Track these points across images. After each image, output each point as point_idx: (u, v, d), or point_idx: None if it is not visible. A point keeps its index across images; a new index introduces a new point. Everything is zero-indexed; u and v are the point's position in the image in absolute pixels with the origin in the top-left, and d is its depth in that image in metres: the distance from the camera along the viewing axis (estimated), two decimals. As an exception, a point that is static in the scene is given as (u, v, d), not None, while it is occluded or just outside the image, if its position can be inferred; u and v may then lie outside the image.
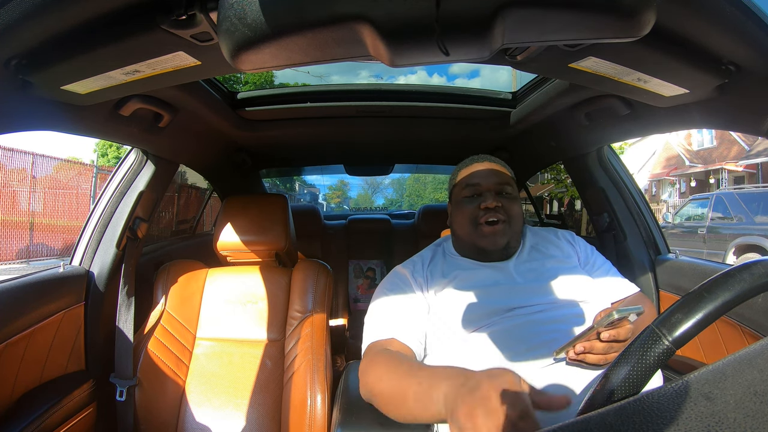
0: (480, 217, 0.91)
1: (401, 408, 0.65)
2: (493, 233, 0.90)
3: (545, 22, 0.50)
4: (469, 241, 0.94)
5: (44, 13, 0.56)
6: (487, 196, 0.93)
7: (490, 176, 0.96)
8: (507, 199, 0.93)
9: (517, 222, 0.93)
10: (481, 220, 0.91)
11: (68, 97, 0.76)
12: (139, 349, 1.14)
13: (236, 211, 1.30)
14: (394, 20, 0.47)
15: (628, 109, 1.06)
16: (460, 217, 0.96)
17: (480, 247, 0.92)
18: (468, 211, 0.94)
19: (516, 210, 0.94)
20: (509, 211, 0.92)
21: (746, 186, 10.16)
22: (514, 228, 0.93)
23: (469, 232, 0.93)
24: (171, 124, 1.14)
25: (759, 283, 0.40)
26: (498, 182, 0.95)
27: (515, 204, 0.94)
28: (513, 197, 0.95)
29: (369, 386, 0.73)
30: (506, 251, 0.93)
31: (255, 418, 1.12)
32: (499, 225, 0.91)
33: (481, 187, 0.95)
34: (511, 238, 0.92)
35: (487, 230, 0.91)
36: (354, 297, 2.36)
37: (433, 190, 12.00)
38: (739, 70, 0.67)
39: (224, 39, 0.50)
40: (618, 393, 0.38)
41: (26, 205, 7.25)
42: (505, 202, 0.92)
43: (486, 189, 0.94)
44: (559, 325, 0.80)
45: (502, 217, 0.91)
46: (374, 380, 0.72)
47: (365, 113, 1.49)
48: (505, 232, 0.91)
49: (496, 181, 0.95)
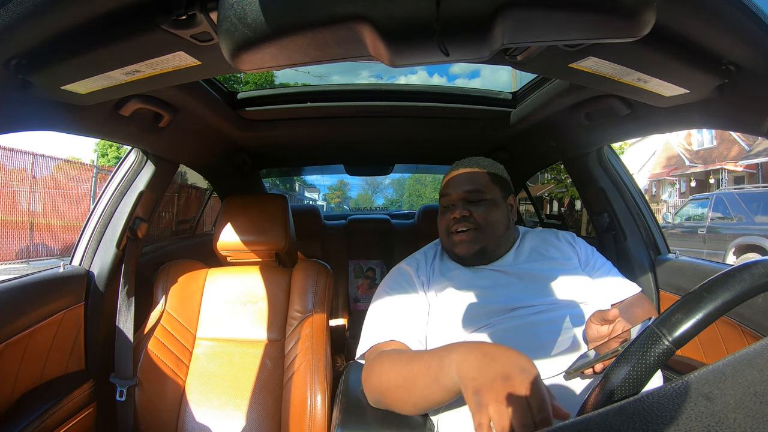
0: (451, 226, 0.94)
1: (412, 392, 0.65)
2: (461, 241, 0.92)
3: (545, 22, 0.50)
4: (447, 248, 0.97)
5: (44, 13, 0.56)
6: (456, 206, 0.94)
7: (460, 184, 0.96)
8: (478, 206, 0.93)
9: (492, 227, 0.92)
10: (452, 229, 0.93)
11: (68, 97, 0.76)
12: (139, 349, 1.14)
13: (236, 211, 1.30)
14: (394, 20, 0.47)
15: (628, 109, 1.06)
16: (439, 226, 0.99)
17: (455, 254, 0.94)
18: (443, 220, 0.97)
19: (491, 215, 0.92)
20: (480, 218, 0.92)
21: (746, 186, 10.15)
22: (488, 233, 0.92)
23: (446, 240, 0.96)
24: (171, 124, 1.14)
25: (759, 283, 0.40)
26: (468, 190, 0.94)
27: (490, 209, 0.93)
28: (488, 202, 0.93)
29: (375, 384, 0.73)
30: (484, 256, 0.93)
31: (255, 418, 1.12)
32: (468, 233, 0.91)
33: (450, 198, 0.96)
34: (487, 243, 0.92)
35: (456, 239, 0.93)
36: (354, 297, 2.36)
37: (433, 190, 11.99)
38: (739, 70, 0.67)
39: (224, 39, 0.50)
40: (618, 393, 0.38)
41: (26, 205, 7.25)
42: (475, 209, 0.92)
43: (455, 198, 0.95)
44: (560, 326, 0.80)
45: (470, 225, 0.91)
46: (379, 376, 0.73)
47: (365, 113, 1.49)
48: (475, 239, 0.91)
49: (466, 189, 0.95)
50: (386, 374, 0.71)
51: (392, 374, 0.70)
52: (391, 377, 0.70)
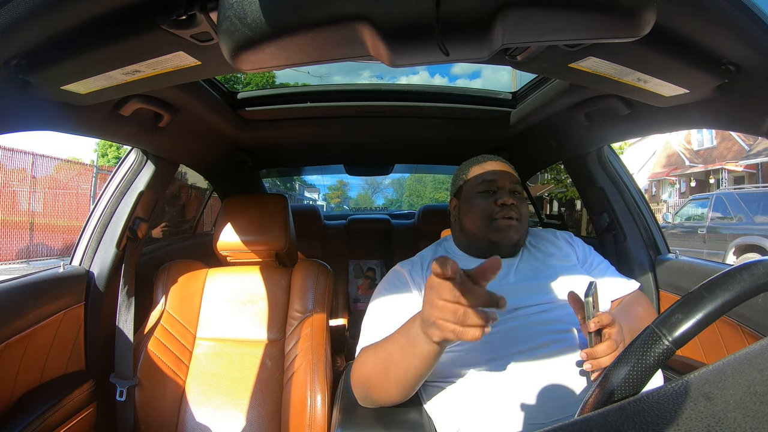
0: (495, 213, 0.93)
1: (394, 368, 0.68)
2: (508, 227, 0.92)
3: (545, 22, 0.50)
4: (481, 236, 0.94)
5: (44, 13, 0.56)
6: (503, 193, 0.95)
7: (506, 176, 0.98)
8: (519, 200, 0.95)
9: (526, 222, 0.97)
10: (497, 216, 0.92)
11: (68, 97, 0.76)
12: (139, 349, 1.14)
13: (236, 211, 1.30)
14: (394, 20, 0.47)
15: (628, 109, 1.06)
16: (473, 213, 0.96)
17: (493, 242, 0.93)
18: (482, 206, 0.95)
19: (525, 211, 0.97)
20: (523, 211, 0.95)
21: (746, 186, 10.16)
22: (523, 228, 0.95)
23: (483, 228, 0.94)
24: (171, 124, 1.14)
25: (759, 283, 0.40)
26: (514, 182, 0.98)
27: (525, 205, 0.97)
28: (523, 198, 0.98)
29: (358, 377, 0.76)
30: (515, 248, 0.95)
31: (255, 418, 1.12)
32: (514, 221, 0.93)
33: (497, 184, 0.96)
34: (521, 237, 0.95)
35: (503, 224, 0.92)
36: (354, 297, 2.36)
37: (433, 190, 12.00)
38: (739, 70, 0.67)
39: (224, 39, 0.50)
40: (618, 393, 0.38)
41: (26, 205, 7.25)
42: (518, 202, 0.95)
43: (502, 186, 0.96)
44: (561, 326, 0.80)
45: (515, 215, 0.93)
46: (360, 368, 0.76)
47: (365, 113, 1.49)
48: (518, 229, 0.93)
49: (513, 181, 0.97)
50: (366, 364, 0.75)
51: (370, 361, 0.73)
52: (369, 364, 0.73)
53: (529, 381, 0.73)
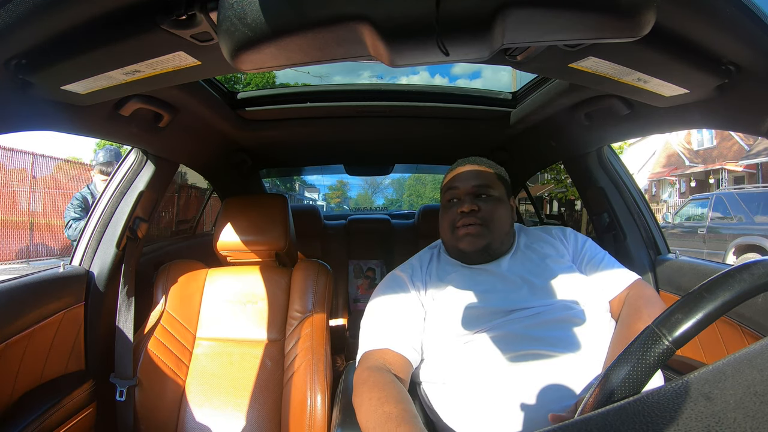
0: (457, 221, 0.93)
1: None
2: (468, 234, 0.91)
3: (545, 22, 0.50)
4: (450, 245, 0.96)
5: (44, 13, 0.56)
6: (463, 201, 0.93)
7: (469, 179, 0.95)
8: (486, 202, 0.93)
9: (498, 224, 0.92)
10: (458, 224, 0.92)
11: (68, 97, 0.76)
12: (139, 349, 1.14)
13: (236, 212, 1.30)
14: (394, 20, 0.47)
15: (628, 109, 1.06)
16: (442, 221, 0.98)
17: (459, 249, 0.93)
18: (448, 215, 0.95)
19: (497, 212, 0.93)
20: (487, 214, 0.92)
21: (746, 186, 10.15)
22: (494, 230, 0.92)
23: (449, 237, 0.95)
24: (171, 124, 1.14)
25: (759, 283, 0.40)
26: (477, 185, 0.95)
27: (497, 206, 0.93)
28: (495, 199, 0.94)
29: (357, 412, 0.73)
30: (487, 253, 0.93)
31: (255, 418, 1.12)
32: (475, 228, 0.91)
33: (458, 191, 0.96)
34: (492, 240, 0.92)
35: (462, 232, 0.92)
36: (354, 297, 2.36)
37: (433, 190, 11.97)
38: (739, 70, 0.67)
39: (224, 39, 0.50)
40: (618, 393, 0.38)
41: (26, 205, 7.26)
42: (484, 205, 0.92)
43: (463, 193, 0.95)
44: (558, 327, 0.80)
45: (477, 220, 0.91)
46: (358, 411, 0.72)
47: (365, 113, 1.49)
48: (482, 234, 0.91)
49: (475, 184, 0.95)
50: (363, 420, 0.70)
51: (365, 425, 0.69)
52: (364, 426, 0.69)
53: (527, 382, 0.73)
